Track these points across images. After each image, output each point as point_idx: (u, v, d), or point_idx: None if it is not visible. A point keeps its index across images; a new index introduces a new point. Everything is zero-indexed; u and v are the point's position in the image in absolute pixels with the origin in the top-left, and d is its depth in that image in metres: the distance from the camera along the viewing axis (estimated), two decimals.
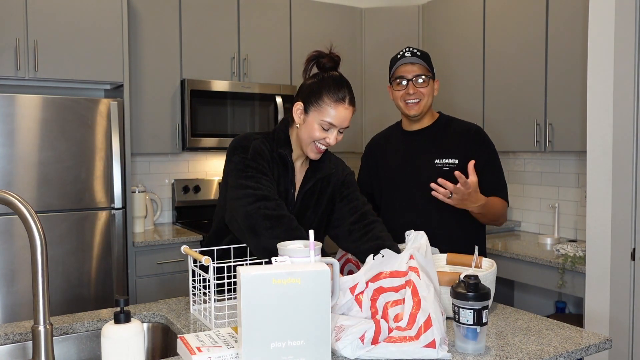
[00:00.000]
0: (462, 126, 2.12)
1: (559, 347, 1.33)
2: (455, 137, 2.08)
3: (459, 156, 2.03)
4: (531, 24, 3.16)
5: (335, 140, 1.63)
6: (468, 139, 2.06)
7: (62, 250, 2.84)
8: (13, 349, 1.47)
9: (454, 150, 2.05)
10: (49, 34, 2.89)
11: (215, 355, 1.21)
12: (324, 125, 1.61)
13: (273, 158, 1.68)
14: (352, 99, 1.62)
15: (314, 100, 1.61)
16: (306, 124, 1.63)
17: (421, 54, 2.06)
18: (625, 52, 2.35)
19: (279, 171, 1.68)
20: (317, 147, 1.64)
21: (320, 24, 3.91)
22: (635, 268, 2.37)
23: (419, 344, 1.23)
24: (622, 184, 2.38)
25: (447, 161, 2.04)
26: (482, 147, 2.06)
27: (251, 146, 1.65)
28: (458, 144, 2.06)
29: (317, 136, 1.62)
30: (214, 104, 3.45)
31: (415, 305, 1.29)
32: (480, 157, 2.01)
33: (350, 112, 1.62)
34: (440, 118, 2.16)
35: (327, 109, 1.59)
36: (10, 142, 2.71)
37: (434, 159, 2.06)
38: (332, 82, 1.62)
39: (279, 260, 1.25)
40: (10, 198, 1.07)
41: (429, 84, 2.04)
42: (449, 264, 1.74)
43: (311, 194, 1.74)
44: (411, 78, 2.02)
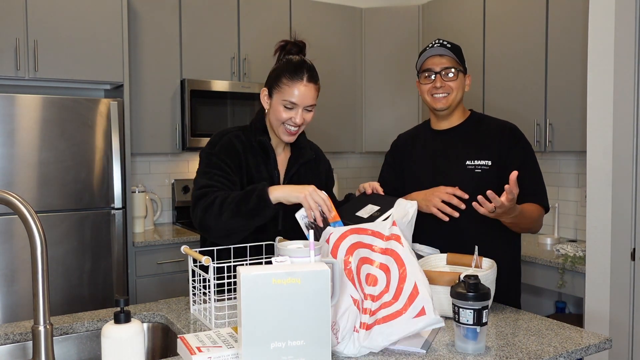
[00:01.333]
0: (496, 124, 1.95)
1: (559, 347, 1.33)
2: (488, 137, 1.92)
3: (492, 157, 1.87)
4: (531, 24, 3.16)
5: (302, 119, 1.69)
6: (502, 139, 1.90)
7: (62, 250, 2.84)
8: (13, 349, 1.47)
9: (487, 150, 1.89)
10: (49, 34, 2.89)
11: (215, 355, 1.21)
12: (287, 104, 1.67)
13: (252, 147, 1.74)
14: (312, 76, 1.69)
15: (275, 83, 1.70)
16: (272, 108, 1.72)
17: (452, 46, 1.91)
18: (625, 52, 2.35)
19: (260, 159, 1.75)
20: (286, 129, 1.71)
21: (320, 24, 3.91)
22: (635, 268, 2.37)
23: (409, 315, 1.24)
24: (622, 184, 2.38)
25: (479, 162, 1.89)
26: (518, 147, 1.89)
27: (220, 141, 1.73)
28: (491, 144, 1.90)
29: (283, 117, 1.68)
30: (214, 104, 3.45)
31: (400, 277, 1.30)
32: (515, 159, 1.87)
33: (311, 89, 1.68)
34: (472, 116, 2.01)
35: (286, 88, 1.67)
36: (10, 142, 2.71)
37: (464, 160, 1.90)
38: (290, 63, 1.70)
39: (279, 260, 1.25)
40: (10, 198, 1.07)
41: (459, 78, 1.89)
42: (449, 264, 1.74)
43: (297, 179, 1.81)
44: (439, 71, 1.88)
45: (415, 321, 1.25)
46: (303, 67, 1.68)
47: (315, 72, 1.71)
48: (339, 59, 4.00)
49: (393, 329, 1.25)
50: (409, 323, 1.24)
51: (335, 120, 4.01)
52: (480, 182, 1.84)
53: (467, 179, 1.85)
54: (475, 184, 1.84)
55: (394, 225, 1.41)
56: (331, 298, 1.23)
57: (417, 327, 1.25)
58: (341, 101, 4.02)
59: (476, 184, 1.83)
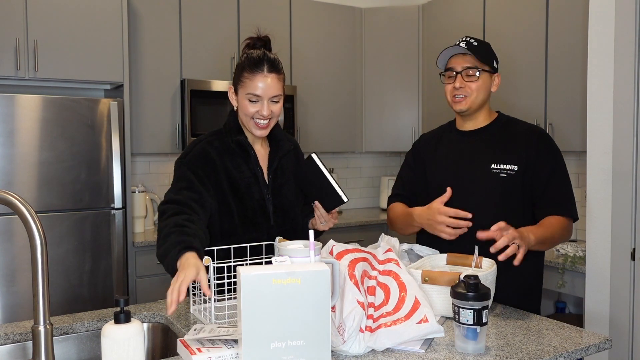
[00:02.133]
0: (525, 128, 1.88)
1: (559, 347, 1.33)
2: (515, 141, 1.84)
3: (519, 162, 1.80)
4: (531, 24, 3.16)
5: (269, 110, 1.68)
6: (531, 144, 1.82)
7: (62, 250, 2.84)
8: (13, 349, 1.47)
9: (514, 155, 1.81)
10: (49, 34, 2.89)
11: (215, 355, 1.21)
12: (251, 97, 1.67)
13: (226, 150, 1.74)
14: (273, 66, 1.68)
15: (238, 78, 1.71)
16: (239, 104, 1.72)
17: (478, 44, 1.84)
18: (625, 52, 2.35)
19: (238, 160, 1.75)
20: (256, 122, 1.70)
21: (320, 24, 3.91)
22: (635, 268, 2.37)
23: (412, 322, 1.28)
24: (622, 184, 2.38)
25: (504, 167, 1.81)
26: (547, 155, 1.82)
27: (191, 152, 1.73)
28: (518, 149, 1.82)
29: (250, 111, 1.68)
30: (213, 104, 3.45)
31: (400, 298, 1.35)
32: (544, 166, 1.80)
33: (274, 79, 1.67)
34: (499, 118, 1.94)
35: (248, 82, 1.67)
36: (10, 142, 2.71)
37: (490, 164, 1.82)
38: (250, 57, 1.70)
39: (279, 260, 1.25)
40: (10, 198, 1.07)
41: (481, 78, 1.82)
42: (448, 264, 1.74)
43: (281, 172, 1.82)
44: (460, 71, 1.82)
45: (419, 327, 1.28)
46: (263, 60, 1.68)
47: (277, 63, 1.70)
48: (339, 59, 4.00)
49: (398, 332, 1.27)
50: (412, 328, 1.27)
51: (336, 120, 4.01)
52: (505, 187, 1.79)
53: (491, 182, 1.80)
54: (500, 188, 1.79)
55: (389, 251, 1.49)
56: (331, 298, 1.23)
57: (420, 333, 1.28)
58: (341, 101, 4.02)
59: (501, 189, 1.79)
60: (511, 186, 1.79)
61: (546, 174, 1.79)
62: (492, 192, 1.79)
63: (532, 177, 1.79)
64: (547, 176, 1.79)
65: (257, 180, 1.75)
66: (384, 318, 1.32)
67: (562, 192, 1.80)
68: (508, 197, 1.79)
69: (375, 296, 1.37)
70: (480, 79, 1.82)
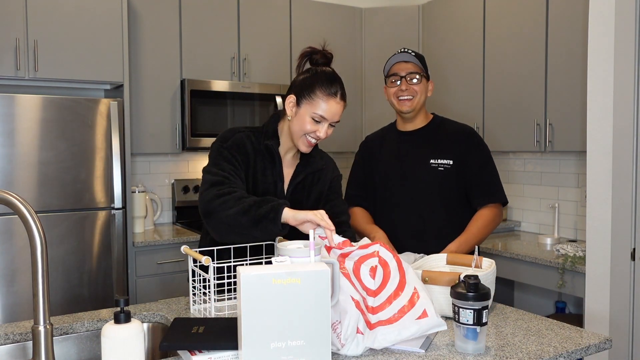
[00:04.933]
0: (456, 128, 2.15)
1: (559, 347, 1.33)
2: (449, 138, 2.10)
3: (454, 157, 2.06)
4: (531, 24, 3.16)
5: (326, 134, 1.66)
6: (462, 141, 2.09)
7: (62, 250, 2.84)
8: (13, 349, 1.47)
9: (449, 151, 2.08)
10: (49, 34, 2.89)
11: (215, 355, 1.21)
12: (316, 117, 1.64)
13: (259, 150, 1.72)
14: (344, 94, 1.67)
15: (307, 93, 1.65)
16: (298, 117, 1.67)
17: (415, 54, 2.09)
18: (625, 52, 2.35)
19: (266, 163, 1.72)
20: (308, 140, 1.68)
21: (320, 24, 3.91)
22: (635, 268, 2.37)
23: (412, 317, 1.25)
24: (622, 184, 2.38)
25: (442, 161, 2.07)
26: (476, 149, 2.10)
27: (232, 138, 1.71)
28: (452, 145, 2.09)
29: (308, 129, 1.65)
30: (213, 104, 3.45)
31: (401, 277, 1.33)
32: (474, 160, 2.07)
33: (342, 107, 1.66)
34: (434, 119, 2.18)
35: (319, 102, 1.63)
36: (10, 142, 2.71)
37: (429, 159, 2.08)
38: (325, 76, 1.66)
39: (279, 260, 1.25)
40: (10, 198, 1.07)
41: (422, 83, 2.06)
42: (448, 264, 1.74)
43: (302, 188, 1.78)
44: (404, 75, 2.05)
45: (418, 322, 1.26)
46: (337, 84, 1.65)
47: (344, 90, 1.68)
48: (339, 59, 3.98)
49: (397, 330, 1.26)
50: (412, 324, 1.26)
51: None
52: (443, 178, 2.05)
53: (431, 175, 2.06)
54: (439, 179, 2.06)
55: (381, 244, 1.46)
56: (331, 298, 1.23)
57: (421, 329, 1.26)
58: None
59: (440, 180, 2.06)
60: (448, 178, 2.05)
61: (475, 166, 2.06)
62: (432, 184, 2.06)
63: (464, 170, 2.06)
64: (477, 168, 2.07)
65: (276, 189, 1.73)
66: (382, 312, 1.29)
67: (490, 182, 2.08)
68: (446, 187, 2.06)
69: (375, 278, 1.32)
70: (422, 82, 2.06)
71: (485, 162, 2.10)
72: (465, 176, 2.07)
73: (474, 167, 2.07)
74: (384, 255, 1.36)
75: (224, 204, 1.53)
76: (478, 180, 2.07)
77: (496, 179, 2.11)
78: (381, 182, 2.17)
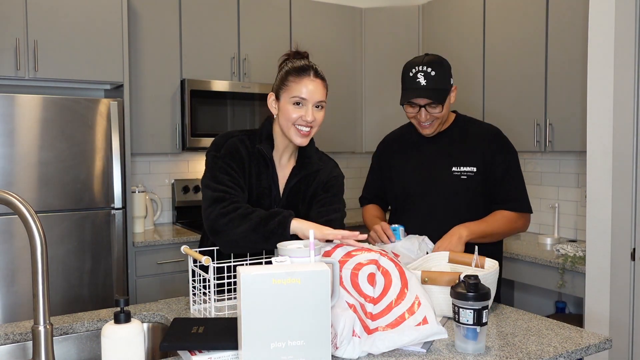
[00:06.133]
0: (481, 129, 2.01)
1: (559, 347, 1.33)
2: (473, 142, 1.97)
3: (478, 163, 1.94)
4: (531, 24, 3.16)
5: (313, 116, 1.64)
6: (487, 144, 1.95)
7: (62, 250, 2.84)
8: (13, 349, 1.47)
9: (472, 157, 1.95)
10: (49, 34, 2.89)
11: (215, 355, 1.21)
12: (296, 100, 1.63)
13: (253, 154, 1.71)
14: (318, 73, 1.66)
15: (282, 84, 1.66)
16: (281, 110, 1.67)
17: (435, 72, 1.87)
18: (625, 52, 2.35)
19: (260, 167, 1.71)
20: (298, 130, 1.65)
21: (320, 24, 3.91)
22: (635, 268, 2.37)
23: (411, 324, 1.24)
24: (622, 184, 2.38)
25: (464, 169, 1.94)
26: (502, 153, 1.96)
27: (225, 144, 1.69)
28: (476, 150, 1.95)
29: (293, 117, 1.63)
30: (214, 104, 3.45)
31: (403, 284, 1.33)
32: (498, 165, 1.94)
33: (319, 84, 1.64)
34: (458, 120, 2.04)
35: (294, 85, 1.63)
36: (10, 142, 2.71)
37: (450, 167, 1.96)
38: (294, 65, 1.67)
39: (279, 260, 1.25)
40: (10, 198, 1.07)
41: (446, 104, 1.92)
42: (449, 263, 1.74)
43: (297, 191, 1.75)
44: (424, 105, 1.90)
45: (418, 329, 1.24)
46: (309, 66, 1.66)
47: (321, 71, 1.68)
48: (339, 59, 4.00)
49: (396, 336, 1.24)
50: (411, 331, 1.24)
51: (335, 120, 4.00)
52: (466, 187, 1.93)
53: (453, 185, 1.93)
54: (462, 189, 1.93)
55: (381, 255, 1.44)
56: (331, 298, 1.23)
57: (420, 336, 1.25)
58: (341, 101, 4.02)
59: (463, 189, 1.93)
60: (472, 186, 1.93)
61: (500, 172, 1.93)
62: (454, 194, 1.93)
63: (489, 176, 1.93)
64: (501, 174, 1.93)
65: (271, 193, 1.72)
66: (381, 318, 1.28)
67: (514, 188, 1.94)
68: (470, 196, 1.94)
69: (375, 286, 1.32)
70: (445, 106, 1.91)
71: (510, 168, 1.95)
72: (489, 182, 1.94)
73: (498, 171, 1.93)
74: (385, 264, 1.36)
75: (230, 222, 1.55)
76: (501, 187, 1.94)
77: (520, 185, 1.97)
78: (400, 190, 2.05)
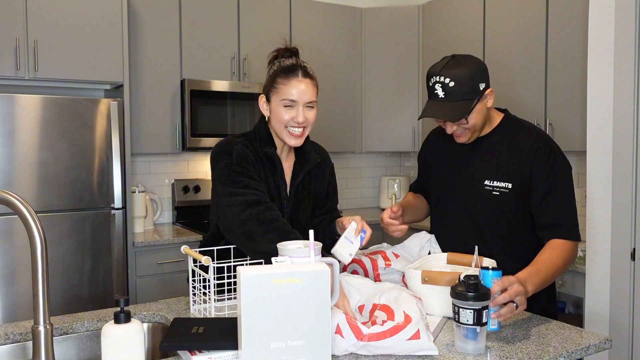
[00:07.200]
0: (526, 137, 1.73)
1: (559, 347, 1.33)
2: (514, 153, 1.72)
3: (514, 179, 1.70)
4: (531, 24, 3.16)
5: (304, 117, 1.64)
6: (529, 157, 1.69)
7: (62, 250, 2.84)
8: (13, 349, 1.47)
9: (510, 170, 1.71)
10: (49, 34, 2.89)
11: (215, 355, 1.21)
12: (286, 102, 1.63)
13: (259, 159, 1.70)
14: (307, 72, 1.66)
15: (271, 86, 1.67)
16: (273, 112, 1.68)
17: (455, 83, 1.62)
18: (625, 52, 2.35)
19: (267, 170, 1.71)
20: (290, 132, 1.66)
21: (320, 24, 3.91)
22: (635, 268, 2.37)
23: (403, 337, 1.22)
24: (622, 184, 2.38)
25: (498, 184, 1.71)
26: (545, 168, 1.67)
27: (234, 151, 1.67)
28: (516, 162, 1.71)
29: (285, 118, 1.64)
30: (214, 104, 3.45)
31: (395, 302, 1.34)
32: (540, 181, 1.67)
33: (308, 84, 1.65)
34: (503, 123, 1.80)
35: (283, 87, 1.64)
36: (10, 142, 2.71)
37: (483, 180, 1.74)
38: (282, 65, 1.67)
39: (279, 260, 1.25)
40: (10, 198, 1.07)
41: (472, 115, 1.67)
42: (449, 264, 1.74)
43: (302, 187, 1.78)
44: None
45: (409, 344, 1.22)
46: (297, 66, 1.66)
47: (310, 70, 1.69)
48: (339, 59, 4.00)
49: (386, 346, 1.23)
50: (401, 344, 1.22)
51: (335, 120, 4.01)
52: (497, 205, 1.72)
53: (483, 199, 1.73)
54: (492, 205, 1.73)
55: None
56: (331, 298, 1.23)
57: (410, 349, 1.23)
58: (341, 101, 4.02)
59: (493, 206, 1.73)
60: (503, 204, 1.71)
61: (541, 190, 1.67)
62: (484, 209, 1.74)
63: (526, 194, 1.69)
64: (542, 195, 1.67)
65: (280, 193, 1.73)
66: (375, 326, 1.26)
67: (559, 211, 1.67)
68: (500, 214, 1.73)
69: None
70: (472, 115, 1.67)
71: (555, 187, 1.66)
72: (529, 200, 1.69)
73: (539, 190, 1.67)
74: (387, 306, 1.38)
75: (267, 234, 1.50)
76: (544, 208, 1.67)
77: (569, 208, 1.67)
78: (435, 193, 1.90)
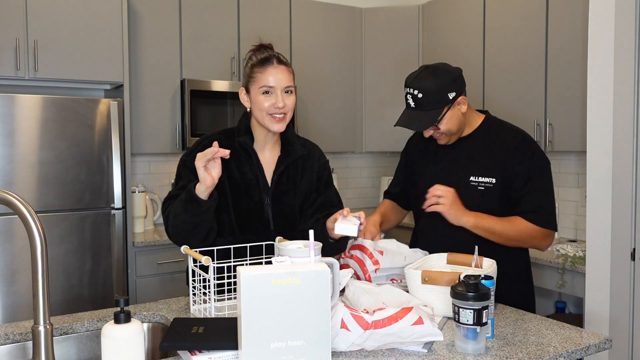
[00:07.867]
0: (507, 137, 1.86)
1: (559, 347, 1.33)
2: (496, 150, 1.84)
3: (497, 174, 1.81)
4: (531, 25, 3.16)
5: (284, 102, 1.67)
6: (510, 153, 1.82)
7: (62, 250, 2.84)
8: (13, 349, 1.47)
9: (493, 166, 1.82)
10: (49, 34, 2.89)
11: (215, 355, 1.21)
12: (264, 89, 1.67)
13: (234, 150, 1.72)
14: (281, 59, 1.71)
15: (249, 78, 1.72)
16: (253, 102, 1.71)
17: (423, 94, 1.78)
18: (625, 52, 2.35)
19: (242, 160, 1.75)
20: (273, 117, 1.69)
21: (320, 24, 3.91)
22: (635, 268, 2.37)
23: (407, 323, 1.23)
24: (622, 184, 2.38)
25: (483, 180, 1.83)
26: (524, 163, 1.80)
27: (197, 148, 1.72)
28: (498, 159, 1.83)
29: (265, 106, 1.68)
30: (213, 104, 3.45)
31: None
32: (519, 175, 1.80)
33: (283, 70, 1.69)
34: (485, 123, 1.92)
35: (259, 76, 1.68)
36: (10, 142, 2.71)
37: (469, 176, 1.85)
38: (256, 56, 1.73)
39: (279, 260, 1.25)
40: (10, 198, 1.07)
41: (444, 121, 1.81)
42: (449, 264, 1.74)
43: (286, 179, 1.79)
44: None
45: (413, 329, 1.23)
46: (271, 55, 1.71)
47: (284, 58, 1.73)
48: (339, 59, 4.00)
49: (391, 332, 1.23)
50: (406, 330, 1.23)
51: (335, 120, 4.01)
52: (483, 199, 1.82)
53: (469, 195, 1.82)
54: (478, 200, 1.82)
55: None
56: (331, 298, 1.23)
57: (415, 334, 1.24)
58: (341, 101, 4.02)
59: (479, 200, 1.82)
60: (488, 198, 1.82)
61: (520, 182, 1.79)
62: (470, 204, 1.80)
63: (508, 187, 1.81)
64: (522, 184, 1.78)
65: (258, 184, 1.74)
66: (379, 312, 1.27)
67: (533, 199, 1.78)
68: (486, 207, 1.81)
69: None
70: (443, 122, 1.81)
71: (530, 177, 1.79)
72: (509, 193, 1.81)
73: (518, 182, 1.79)
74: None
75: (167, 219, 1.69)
76: (520, 197, 1.79)
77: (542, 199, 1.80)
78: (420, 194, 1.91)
